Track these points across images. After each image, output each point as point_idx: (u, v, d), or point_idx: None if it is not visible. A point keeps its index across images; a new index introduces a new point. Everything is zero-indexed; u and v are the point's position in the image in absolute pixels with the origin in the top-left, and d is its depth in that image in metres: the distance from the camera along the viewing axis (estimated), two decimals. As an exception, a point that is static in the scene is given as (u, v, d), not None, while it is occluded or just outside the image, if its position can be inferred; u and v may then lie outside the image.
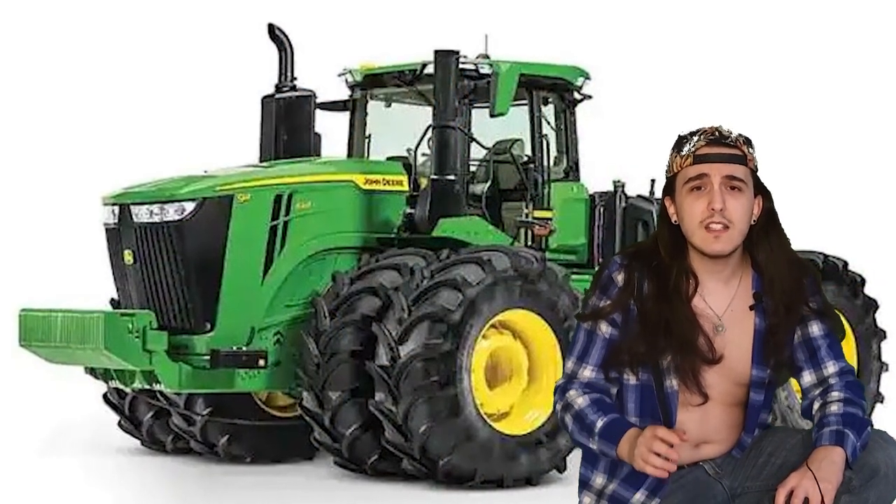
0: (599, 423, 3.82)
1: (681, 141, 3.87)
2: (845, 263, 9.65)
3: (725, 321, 3.87)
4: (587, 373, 3.92)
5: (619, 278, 3.89)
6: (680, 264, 3.86)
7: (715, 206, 3.77)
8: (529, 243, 9.46)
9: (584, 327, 3.94)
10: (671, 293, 3.84)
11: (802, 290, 3.89)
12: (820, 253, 9.55)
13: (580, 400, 3.89)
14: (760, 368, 3.89)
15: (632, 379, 3.92)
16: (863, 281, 9.74)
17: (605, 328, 3.90)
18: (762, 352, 3.88)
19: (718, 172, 3.80)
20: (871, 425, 3.87)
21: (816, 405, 3.90)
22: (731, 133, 3.86)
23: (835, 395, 3.88)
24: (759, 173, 3.89)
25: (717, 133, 3.84)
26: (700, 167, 3.81)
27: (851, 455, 3.73)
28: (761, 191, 3.88)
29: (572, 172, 9.88)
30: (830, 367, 3.92)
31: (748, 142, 3.87)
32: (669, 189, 3.90)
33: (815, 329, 3.93)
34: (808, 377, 3.93)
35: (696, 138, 3.84)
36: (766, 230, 3.88)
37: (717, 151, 3.80)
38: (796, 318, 3.90)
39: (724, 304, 3.88)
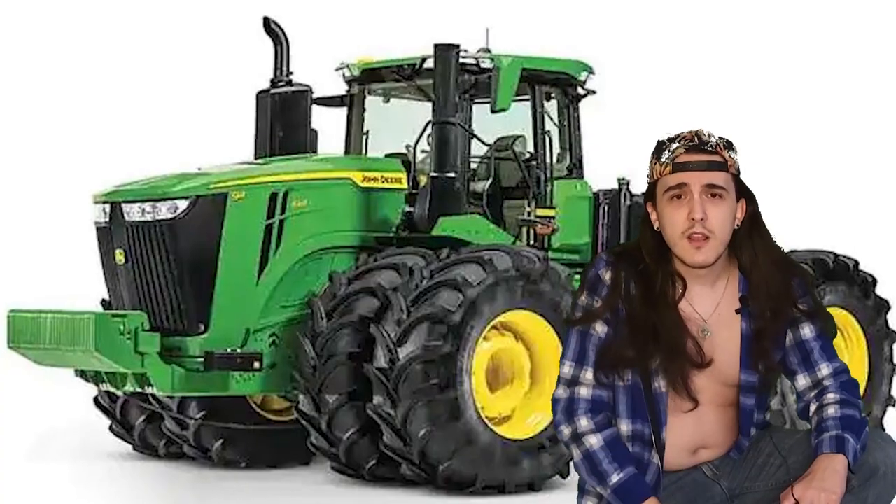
0: (615, 478, 3.83)
1: (660, 147, 3.87)
2: (856, 263, 9.61)
3: (712, 325, 3.88)
4: (588, 376, 3.90)
5: (607, 277, 3.88)
6: (665, 269, 3.86)
7: (695, 215, 3.78)
8: (532, 242, 9.46)
9: (576, 329, 3.93)
10: (657, 298, 3.83)
11: (790, 293, 3.89)
12: (830, 252, 9.55)
13: (593, 439, 3.87)
14: (749, 372, 3.91)
15: (620, 381, 3.93)
16: (874, 281, 9.70)
17: (599, 328, 3.90)
18: (750, 356, 3.89)
19: (698, 181, 3.80)
20: (876, 425, 3.85)
21: (813, 407, 3.91)
22: (711, 138, 3.84)
23: (831, 396, 3.89)
24: (741, 176, 3.88)
25: (696, 139, 3.83)
26: (679, 176, 3.80)
27: (853, 460, 3.75)
28: (744, 194, 3.89)
29: (576, 170, 9.88)
30: (824, 369, 3.92)
31: (729, 145, 3.86)
32: (650, 195, 3.90)
33: (807, 331, 3.93)
34: (802, 380, 3.94)
35: (675, 145, 3.83)
36: (750, 234, 3.89)
37: (696, 159, 3.80)
38: (783, 322, 3.90)
39: (711, 307, 3.89)
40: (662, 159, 3.83)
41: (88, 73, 14.51)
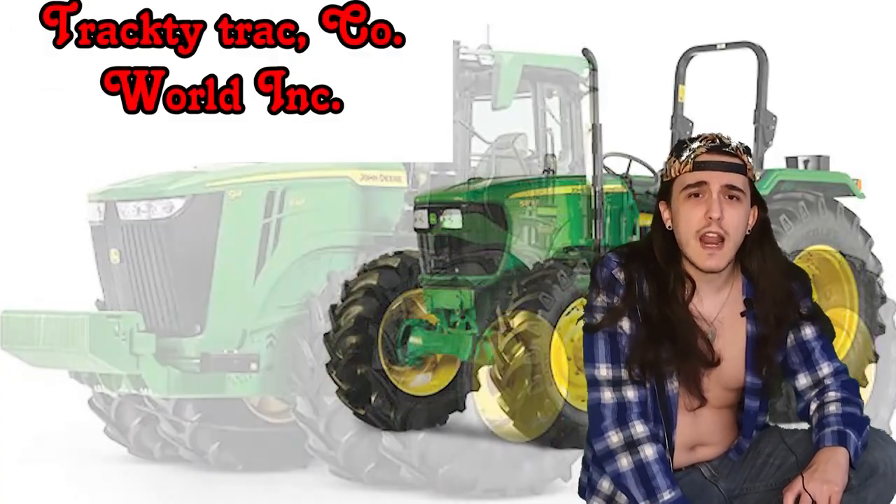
0: (667, 496, 3.79)
1: (680, 146, 3.89)
2: (863, 263, 9.46)
3: (716, 327, 3.88)
4: (626, 374, 3.85)
5: (621, 277, 3.86)
6: (676, 269, 3.86)
7: (713, 214, 3.80)
8: (533, 242, 9.27)
9: (602, 331, 3.87)
10: (670, 297, 3.84)
11: (793, 298, 3.91)
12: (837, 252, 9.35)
13: (649, 450, 3.81)
14: (754, 375, 3.90)
15: (647, 382, 3.91)
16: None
17: (626, 325, 3.86)
18: (755, 359, 3.89)
19: (718, 181, 3.83)
20: (883, 427, 3.79)
21: (814, 406, 3.93)
22: (731, 140, 3.87)
23: (832, 395, 3.92)
24: (755, 183, 3.91)
25: (717, 140, 3.86)
26: (699, 174, 3.84)
27: (854, 455, 3.77)
28: (757, 201, 3.91)
29: (578, 168, 9.70)
30: (825, 368, 3.95)
31: (747, 151, 3.89)
32: (665, 194, 3.90)
33: (808, 332, 3.95)
34: (803, 380, 3.96)
35: (696, 144, 3.86)
36: (759, 241, 3.91)
37: (717, 159, 3.84)
38: (786, 326, 3.91)
39: (715, 309, 3.91)
40: (682, 158, 3.85)
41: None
